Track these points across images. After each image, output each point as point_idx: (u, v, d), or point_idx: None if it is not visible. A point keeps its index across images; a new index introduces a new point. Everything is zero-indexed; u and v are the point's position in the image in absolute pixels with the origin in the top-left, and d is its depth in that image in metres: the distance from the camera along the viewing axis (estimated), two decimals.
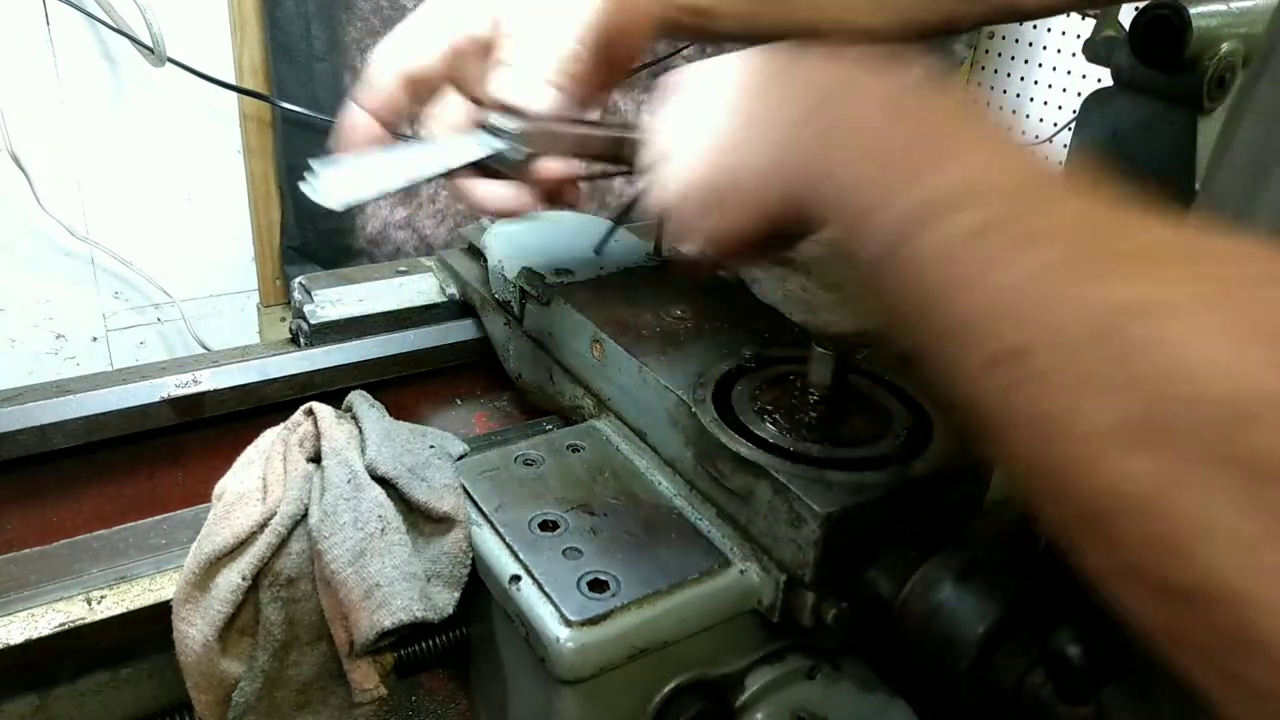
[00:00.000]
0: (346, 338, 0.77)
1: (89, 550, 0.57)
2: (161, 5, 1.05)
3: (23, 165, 1.06)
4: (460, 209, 1.37)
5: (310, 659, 0.54)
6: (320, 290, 0.80)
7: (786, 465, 0.50)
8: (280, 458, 0.57)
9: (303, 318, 0.78)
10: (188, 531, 0.55)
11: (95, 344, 1.23)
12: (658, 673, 0.51)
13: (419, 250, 1.36)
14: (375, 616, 0.49)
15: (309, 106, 1.18)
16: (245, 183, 1.23)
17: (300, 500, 0.54)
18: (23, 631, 0.51)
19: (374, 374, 0.77)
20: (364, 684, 0.52)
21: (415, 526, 0.55)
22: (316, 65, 1.18)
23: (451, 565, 0.54)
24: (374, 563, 0.51)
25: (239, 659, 0.52)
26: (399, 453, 0.56)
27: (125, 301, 1.22)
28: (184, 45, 1.10)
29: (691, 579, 0.51)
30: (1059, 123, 1.67)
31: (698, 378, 0.59)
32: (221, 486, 0.56)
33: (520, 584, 0.51)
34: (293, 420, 0.60)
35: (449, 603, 0.53)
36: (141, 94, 1.13)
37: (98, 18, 1.04)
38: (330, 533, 0.51)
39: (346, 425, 0.59)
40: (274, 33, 1.15)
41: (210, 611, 0.50)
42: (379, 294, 0.81)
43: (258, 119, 1.19)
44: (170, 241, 1.21)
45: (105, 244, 1.16)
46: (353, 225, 1.30)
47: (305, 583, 0.53)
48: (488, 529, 0.55)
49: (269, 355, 0.75)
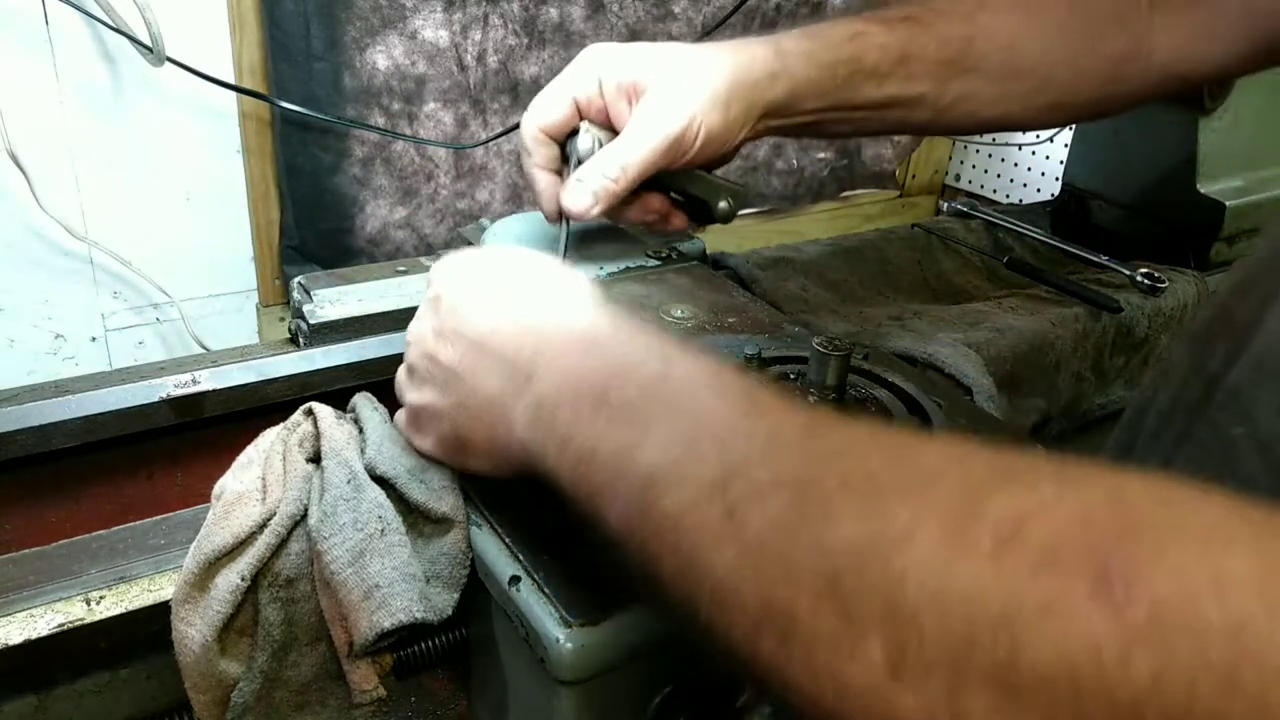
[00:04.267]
0: (346, 338, 0.77)
1: (88, 550, 0.57)
2: (161, 5, 1.05)
3: (21, 165, 1.06)
4: (459, 209, 1.37)
5: (309, 660, 0.54)
6: (320, 290, 0.80)
7: None
8: (280, 458, 0.57)
9: (302, 318, 0.77)
10: (187, 532, 0.55)
11: (94, 344, 1.23)
12: (658, 673, 0.51)
13: (419, 250, 1.36)
14: (375, 617, 0.49)
15: (308, 106, 1.18)
16: (244, 182, 1.23)
17: (300, 500, 0.54)
18: (22, 632, 0.51)
19: (373, 374, 0.77)
20: (363, 685, 0.52)
21: (415, 527, 0.55)
22: (316, 65, 1.18)
23: (451, 566, 0.54)
24: (374, 564, 0.50)
25: (238, 659, 0.52)
26: (398, 453, 0.56)
27: (124, 301, 1.22)
28: (183, 45, 1.10)
29: None
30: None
31: None
32: (221, 486, 0.56)
33: (520, 585, 0.51)
34: (292, 420, 0.60)
35: (448, 604, 0.53)
36: (140, 93, 1.12)
37: (97, 17, 1.04)
38: (330, 533, 0.51)
39: (346, 426, 0.59)
40: (273, 32, 1.15)
41: (209, 612, 0.50)
42: (379, 294, 0.81)
43: (257, 118, 1.19)
44: (169, 241, 1.21)
45: (104, 244, 1.16)
46: (352, 225, 1.30)
47: (304, 583, 0.53)
48: (487, 529, 0.55)
49: (268, 355, 0.75)
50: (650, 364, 0.41)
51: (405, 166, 1.30)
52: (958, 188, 1.87)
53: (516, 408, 0.46)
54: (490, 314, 0.50)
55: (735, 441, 0.35)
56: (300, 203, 1.24)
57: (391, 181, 1.30)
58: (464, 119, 1.32)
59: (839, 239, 1.10)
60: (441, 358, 0.52)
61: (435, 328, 0.53)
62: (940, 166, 1.86)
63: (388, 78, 1.24)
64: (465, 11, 1.26)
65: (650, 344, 0.43)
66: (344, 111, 1.22)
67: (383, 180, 1.29)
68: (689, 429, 0.37)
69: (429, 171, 1.32)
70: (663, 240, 0.84)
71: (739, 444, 0.35)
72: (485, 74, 1.30)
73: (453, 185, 1.35)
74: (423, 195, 1.33)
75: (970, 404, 0.75)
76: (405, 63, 1.24)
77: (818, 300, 0.96)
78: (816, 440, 0.34)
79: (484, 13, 1.27)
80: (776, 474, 0.33)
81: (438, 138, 1.31)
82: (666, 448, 0.37)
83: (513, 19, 1.30)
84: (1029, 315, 0.96)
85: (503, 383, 0.48)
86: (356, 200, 1.28)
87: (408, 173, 1.31)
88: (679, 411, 0.38)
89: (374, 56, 1.22)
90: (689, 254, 0.83)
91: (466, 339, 0.50)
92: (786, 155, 1.65)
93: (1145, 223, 1.15)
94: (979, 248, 1.14)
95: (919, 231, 1.13)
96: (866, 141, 1.73)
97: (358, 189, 1.28)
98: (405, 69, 1.25)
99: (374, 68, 1.23)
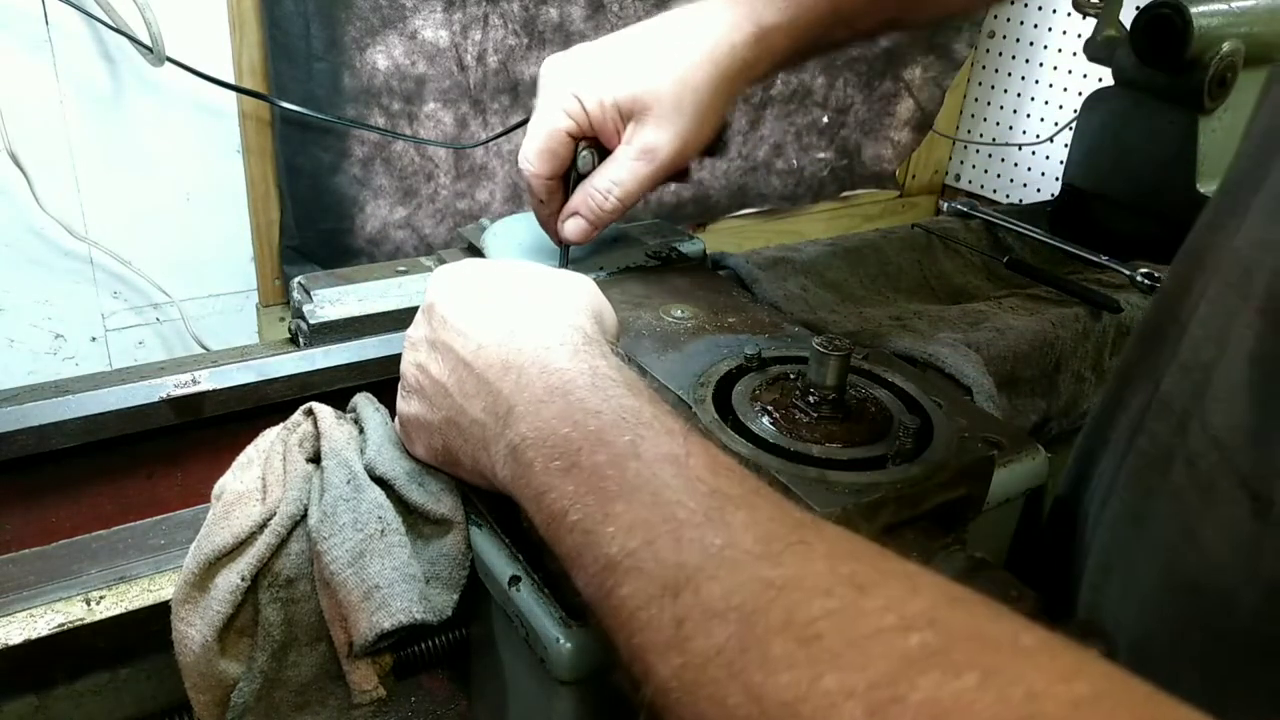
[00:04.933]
0: (346, 338, 0.77)
1: (88, 551, 0.57)
2: (160, 5, 1.05)
3: (21, 165, 1.06)
4: (459, 209, 1.37)
5: (309, 660, 0.54)
6: (319, 290, 0.80)
7: (786, 465, 0.50)
8: (280, 458, 0.57)
9: (302, 318, 0.77)
10: (187, 532, 0.55)
11: (94, 344, 1.23)
12: None
13: (418, 250, 1.36)
14: (374, 618, 0.49)
15: (308, 106, 1.18)
16: (244, 182, 1.23)
17: (300, 501, 0.54)
18: (22, 632, 0.51)
19: (373, 374, 0.76)
20: (363, 685, 0.52)
21: (414, 528, 0.55)
22: (316, 65, 1.18)
23: (450, 567, 0.54)
24: (373, 564, 0.50)
25: (238, 660, 0.52)
26: (398, 455, 0.56)
27: (124, 301, 1.22)
28: (183, 45, 1.10)
29: None
30: (1059, 123, 1.67)
31: (698, 378, 0.58)
32: (220, 486, 0.56)
33: (520, 585, 0.51)
34: (292, 420, 0.60)
35: (448, 605, 0.53)
36: (140, 93, 1.12)
37: (97, 17, 1.04)
38: (330, 534, 0.51)
39: (346, 426, 0.59)
40: (273, 32, 1.15)
41: (209, 612, 0.50)
42: (379, 294, 0.81)
43: (257, 118, 1.19)
44: (169, 241, 1.21)
45: (104, 243, 1.16)
46: (352, 225, 1.30)
47: (304, 583, 0.53)
48: (487, 530, 0.55)
49: (268, 355, 0.75)
50: (623, 434, 0.42)
51: (405, 166, 1.30)
52: (958, 188, 1.87)
53: (497, 445, 0.47)
54: (477, 331, 0.50)
55: (692, 546, 0.36)
56: (300, 203, 1.24)
57: (391, 181, 1.30)
58: (464, 119, 1.32)
59: (839, 239, 1.10)
60: (432, 370, 0.52)
61: (428, 338, 0.53)
62: (940, 166, 1.86)
63: (388, 78, 1.24)
64: (465, 11, 1.26)
65: (625, 408, 0.43)
66: (344, 111, 1.22)
67: (383, 180, 1.29)
68: (651, 519, 0.38)
69: (429, 171, 1.32)
70: (663, 240, 0.84)
71: (694, 550, 0.36)
72: (485, 74, 1.30)
73: (453, 185, 1.35)
74: (423, 195, 1.33)
75: (970, 404, 0.75)
76: (405, 63, 1.24)
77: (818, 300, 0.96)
78: (769, 565, 0.34)
79: (484, 13, 1.27)
80: (727, 594, 0.34)
81: (438, 138, 1.31)
82: (628, 533, 0.38)
83: (513, 19, 1.30)
84: (1029, 315, 0.96)
85: (485, 414, 0.48)
86: (356, 200, 1.28)
87: (408, 173, 1.31)
88: (644, 497, 0.39)
89: (374, 56, 1.22)
90: (689, 254, 0.83)
91: (455, 355, 0.50)
92: (786, 155, 1.65)
93: (1145, 223, 1.15)
94: (979, 248, 1.14)
95: (919, 231, 1.13)
96: (866, 141, 1.73)
97: (358, 189, 1.28)
98: (405, 69, 1.25)
99: (374, 68, 1.23)
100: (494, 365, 0.48)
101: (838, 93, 1.64)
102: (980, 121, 1.81)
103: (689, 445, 0.41)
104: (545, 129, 0.69)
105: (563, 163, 0.70)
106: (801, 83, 1.59)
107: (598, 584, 0.39)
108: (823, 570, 0.34)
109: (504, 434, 0.46)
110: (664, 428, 0.42)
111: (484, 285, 0.54)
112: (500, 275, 0.55)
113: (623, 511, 0.39)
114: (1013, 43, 1.73)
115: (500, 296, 0.52)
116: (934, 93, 1.75)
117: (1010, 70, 1.74)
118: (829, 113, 1.66)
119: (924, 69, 1.72)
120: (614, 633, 0.38)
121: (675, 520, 0.37)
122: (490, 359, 0.48)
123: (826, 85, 1.62)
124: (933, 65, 1.72)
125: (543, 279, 0.54)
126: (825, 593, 0.32)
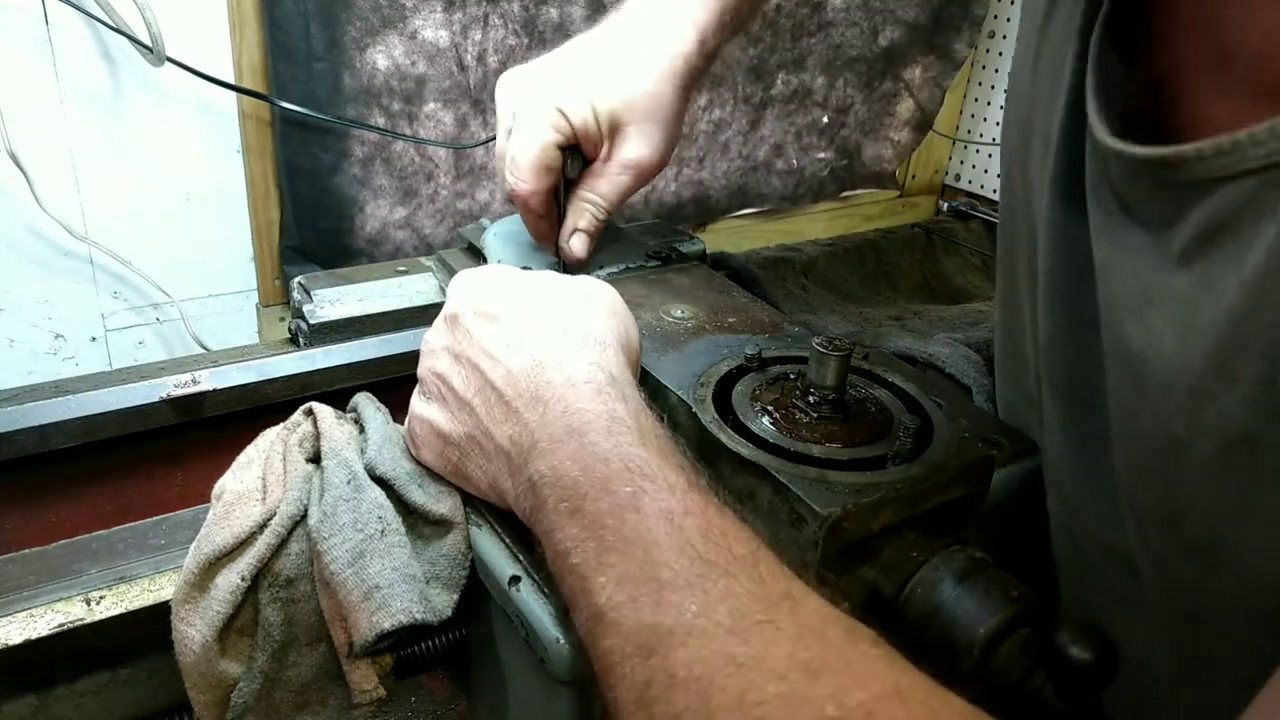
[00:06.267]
0: (346, 338, 0.77)
1: (88, 550, 0.57)
2: (160, 5, 1.05)
3: (21, 165, 1.06)
4: (459, 209, 1.37)
5: (309, 660, 0.54)
6: (319, 290, 0.80)
7: (787, 466, 0.50)
8: (280, 457, 0.57)
9: (302, 318, 0.77)
10: (187, 532, 0.55)
11: (94, 344, 1.23)
12: None
13: (418, 250, 1.36)
14: (375, 618, 0.49)
15: (308, 106, 1.18)
16: (244, 182, 1.23)
17: (300, 501, 0.54)
18: (22, 632, 0.51)
19: (374, 374, 0.77)
20: (363, 685, 0.52)
21: (414, 529, 0.55)
22: (316, 65, 1.18)
23: (450, 568, 0.54)
24: (373, 564, 0.50)
25: (238, 660, 0.52)
26: (398, 455, 0.56)
27: (124, 301, 1.22)
28: (183, 45, 1.10)
29: None
30: None
31: (698, 378, 0.58)
32: (221, 486, 0.56)
33: (520, 585, 0.51)
34: (292, 420, 0.60)
35: (448, 605, 0.53)
36: (140, 93, 1.12)
37: (97, 17, 1.04)
38: (330, 534, 0.51)
39: (346, 426, 0.59)
40: (273, 32, 1.15)
41: (209, 612, 0.50)
42: (379, 294, 0.81)
43: (257, 118, 1.19)
44: (169, 241, 1.21)
45: (104, 244, 1.16)
46: (352, 225, 1.30)
47: (304, 583, 0.53)
48: (487, 530, 0.55)
49: (268, 355, 0.75)
50: (626, 484, 0.43)
51: (405, 166, 1.30)
52: (958, 188, 1.87)
53: (519, 476, 0.48)
54: (506, 356, 0.50)
55: (670, 610, 0.38)
56: (300, 203, 1.24)
57: (391, 181, 1.30)
58: (464, 119, 1.32)
59: (839, 239, 1.10)
60: (455, 384, 0.52)
61: (451, 349, 0.53)
62: (940, 166, 1.86)
63: (388, 78, 1.24)
64: (465, 11, 1.26)
65: (632, 458, 0.44)
66: (344, 111, 1.22)
67: (383, 180, 1.29)
68: (639, 576, 0.39)
69: (429, 171, 1.32)
70: (663, 240, 0.84)
71: (671, 614, 0.37)
72: (485, 74, 1.30)
73: (453, 185, 1.35)
74: (423, 195, 1.33)
75: (970, 404, 0.75)
76: (405, 63, 1.24)
77: (818, 300, 0.96)
78: (737, 640, 0.36)
79: (484, 13, 1.27)
80: (690, 664, 0.36)
81: (438, 138, 1.31)
82: (617, 586, 0.39)
83: (513, 19, 1.30)
84: None
85: (511, 444, 0.49)
86: (356, 200, 1.28)
87: (408, 173, 1.31)
88: (636, 552, 0.40)
89: (374, 56, 1.22)
90: (689, 254, 0.83)
91: (483, 376, 0.51)
92: (787, 155, 1.65)
93: None
94: (979, 248, 1.14)
95: (919, 231, 1.13)
96: (866, 141, 1.73)
97: (358, 189, 1.28)
98: (405, 69, 1.25)
99: (374, 68, 1.22)
100: (524, 396, 0.48)
101: (838, 93, 1.64)
102: (980, 121, 1.81)
103: (687, 503, 0.42)
104: (536, 144, 0.70)
105: (555, 175, 0.72)
106: (801, 83, 1.59)
107: (587, 630, 0.40)
108: (783, 654, 0.35)
109: (525, 467, 0.47)
110: (666, 483, 0.43)
111: (511, 303, 0.53)
112: (528, 293, 0.54)
113: (615, 563, 0.40)
114: (1013, 43, 1.73)
115: (529, 319, 0.52)
116: (934, 93, 1.75)
117: (1010, 70, 1.74)
118: (829, 113, 1.65)
119: (924, 69, 1.71)
120: (599, 678, 0.40)
121: (658, 581, 0.38)
122: (521, 389, 0.49)
123: (826, 85, 1.62)
124: (933, 65, 1.72)
125: (570, 298, 0.54)
126: (780, 677, 0.34)
